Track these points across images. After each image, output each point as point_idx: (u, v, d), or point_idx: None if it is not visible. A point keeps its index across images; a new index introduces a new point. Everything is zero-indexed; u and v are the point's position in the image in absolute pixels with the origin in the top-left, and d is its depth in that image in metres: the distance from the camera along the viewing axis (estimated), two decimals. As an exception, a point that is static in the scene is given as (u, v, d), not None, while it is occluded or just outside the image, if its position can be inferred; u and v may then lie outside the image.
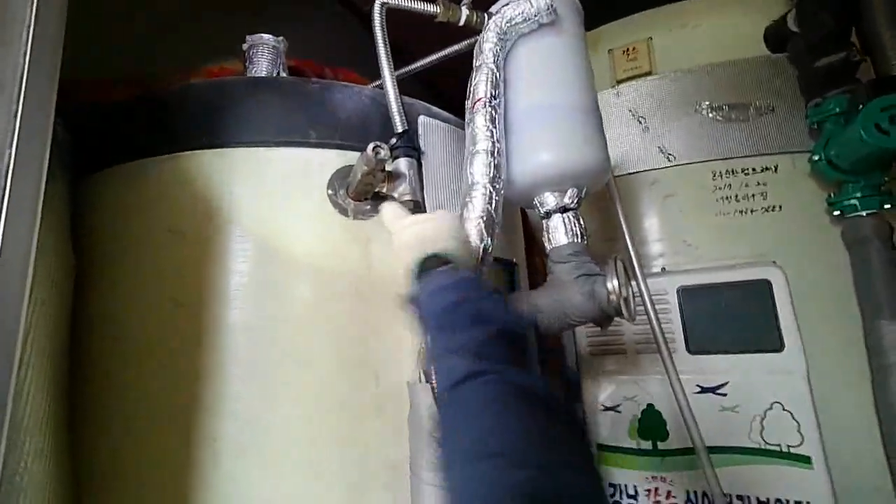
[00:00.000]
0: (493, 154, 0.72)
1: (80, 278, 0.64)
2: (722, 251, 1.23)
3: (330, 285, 0.67)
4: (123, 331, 0.64)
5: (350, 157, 0.73)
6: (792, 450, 1.02)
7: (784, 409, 1.03)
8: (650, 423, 1.12)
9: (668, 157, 1.35)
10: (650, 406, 1.14)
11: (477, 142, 0.72)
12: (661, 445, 1.09)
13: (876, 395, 1.07)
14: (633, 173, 1.37)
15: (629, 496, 1.17)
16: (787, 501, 1.00)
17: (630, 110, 1.40)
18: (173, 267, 0.64)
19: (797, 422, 1.02)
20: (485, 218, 0.66)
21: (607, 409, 1.22)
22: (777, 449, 1.02)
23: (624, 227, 0.94)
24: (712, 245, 1.24)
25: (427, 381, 0.61)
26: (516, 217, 1.02)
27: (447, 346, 0.49)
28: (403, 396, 0.65)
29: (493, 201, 0.70)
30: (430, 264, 0.56)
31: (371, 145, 0.59)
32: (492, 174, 0.71)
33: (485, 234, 0.65)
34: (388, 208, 0.63)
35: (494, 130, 0.73)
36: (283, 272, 0.66)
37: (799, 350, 1.05)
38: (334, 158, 0.72)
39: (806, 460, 1.01)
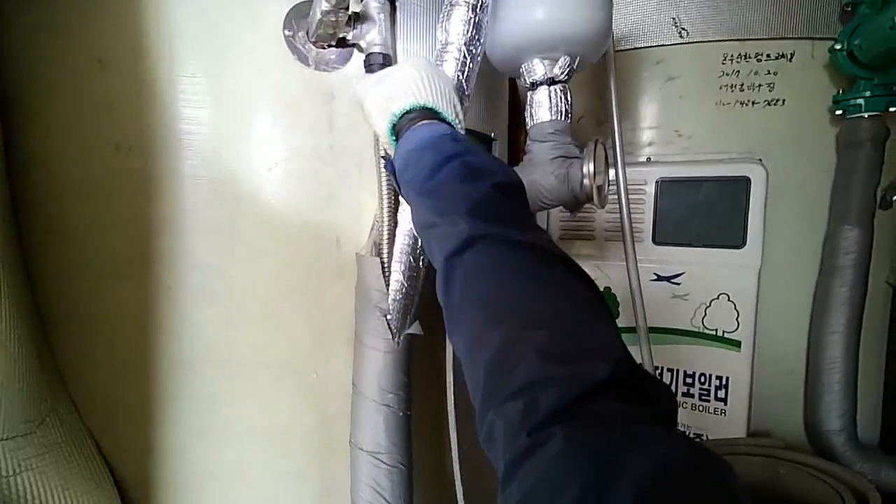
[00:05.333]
0: (475, 8, 0.62)
1: (8, 117, 0.58)
2: (713, 144, 1.18)
3: (289, 143, 0.62)
4: (66, 177, 0.59)
5: (311, -10, 0.61)
6: (726, 335, 1.12)
7: (729, 300, 1.11)
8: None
9: (680, 32, 1.21)
10: (607, 289, 1.21)
11: None
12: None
13: (816, 293, 1.15)
14: (638, 48, 1.24)
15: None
16: (710, 375, 1.13)
17: (651, -33, 1.21)
18: (109, 105, 0.57)
19: (738, 311, 1.11)
20: (455, 83, 0.60)
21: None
22: (714, 333, 1.12)
23: (614, 108, 0.87)
24: (704, 137, 1.19)
25: (377, 255, 0.61)
26: (501, 83, 0.93)
27: (437, 212, 0.43)
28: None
29: (466, 68, 0.62)
30: (404, 124, 0.49)
31: (332, -26, 0.50)
32: (470, 34, 0.62)
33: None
34: (357, 81, 0.54)
35: None
36: (235, 124, 0.60)
37: (758, 248, 1.09)
38: (292, -10, 0.61)
39: (737, 344, 1.11)
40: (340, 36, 0.61)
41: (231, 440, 0.62)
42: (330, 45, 0.62)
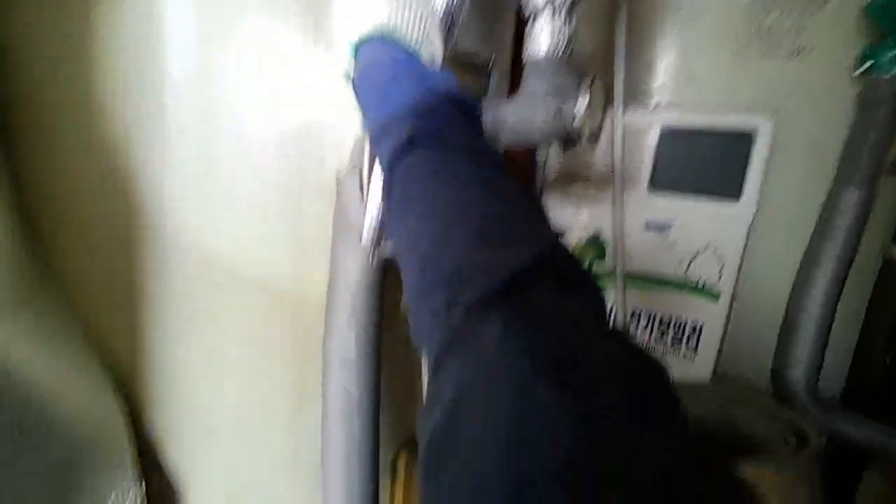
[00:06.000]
0: None
1: None
2: (725, 94, 1.14)
3: (273, 54, 0.61)
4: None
5: None
6: (706, 286, 1.14)
7: (715, 253, 1.12)
8: (592, 245, 1.22)
9: (712, -37, 1.12)
10: (596, 235, 1.22)
11: None
12: (595, 266, 1.21)
13: (807, 251, 1.16)
14: (662, -15, 1.16)
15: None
16: (686, 321, 1.17)
17: None
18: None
19: (722, 263, 1.13)
20: (442, 10, 0.57)
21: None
22: (695, 284, 1.15)
23: (622, 45, 0.84)
24: (718, 86, 1.15)
25: (358, 178, 0.61)
26: (505, 2, 0.88)
27: (389, 113, 0.43)
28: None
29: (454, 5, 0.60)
30: (363, 44, 0.50)
31: None
32: None
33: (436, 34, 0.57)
34: None
35: None
36: (224, 32, 0.60)
37: (753, 203, 1.08)
38: None
39: (715, 295, 1.14)
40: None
41: (215, 339, 0.68)
42: (323, -47, 0.60)
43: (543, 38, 0.71)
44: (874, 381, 1.23)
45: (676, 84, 1.18)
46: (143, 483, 0.65)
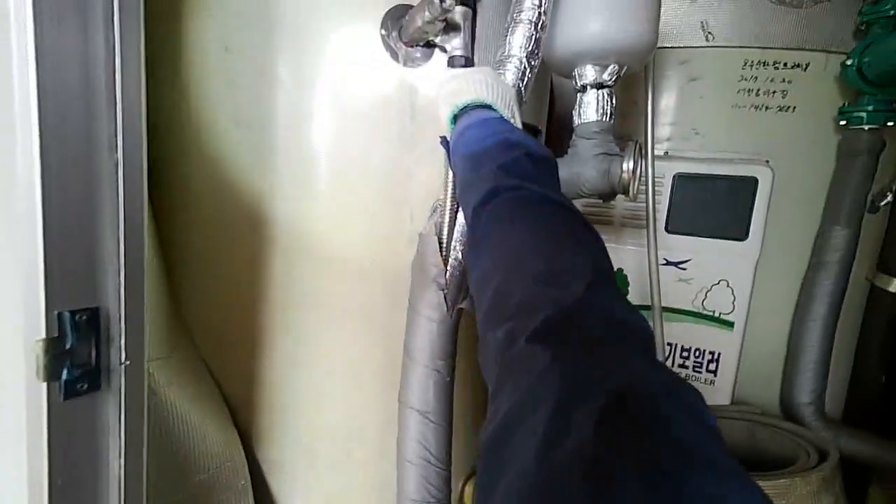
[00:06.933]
0: (537, 27, 0.69)
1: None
2: (726, 144, 1.29)
3: (378, 129, 0.72)
4: (189, 145, 0.69)
5: (403, -6, 0.70)
6: (722, 316, 1.26)
7: (728, 286, 1.25)
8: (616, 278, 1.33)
9: (707, 36, 1.30)
10: (619, 269, 1.34)
11: (523, 9, 0.68)
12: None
13: (803, 284, 1.29)
14: (665, 48, 1.33)
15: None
16: (704, 351, 1.28)
17: (685, -29, 1.29)
18: (231, 84, 0.66)
19: (735, 296, 1.25)
20: (515, 88, 0.68)
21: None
22: (711, 314, 1.27)
23: (650, 108, 0.97)
24: (719, 137, 1.30)
25: (438, 234, 0.69)
26: (546, 83, 1.02)
27: (474, 169, 0.48)
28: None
29: (526, 78, 0.70)
30: (463, 113, 0.57)
31: (439, -7, 0.59)
32: (531, 48, 0.69)
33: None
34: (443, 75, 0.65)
35: (544, 1, 0.67)
36: (335, 110, 0.70)
37: (759, 242, 1.22)
38: (388, -7, 0.70)
39: (730, 325, 1.26)
40: (429, 39, 0.70)
41: (317, 370, 0.75)
42: (417, 45, 0.71)
43: (591, 108, 0.83)
44: (871, 400, 1.35)
45: (682, 135, 1.33)
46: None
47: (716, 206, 1.24)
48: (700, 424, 0.25)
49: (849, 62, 1.18)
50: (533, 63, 0.71)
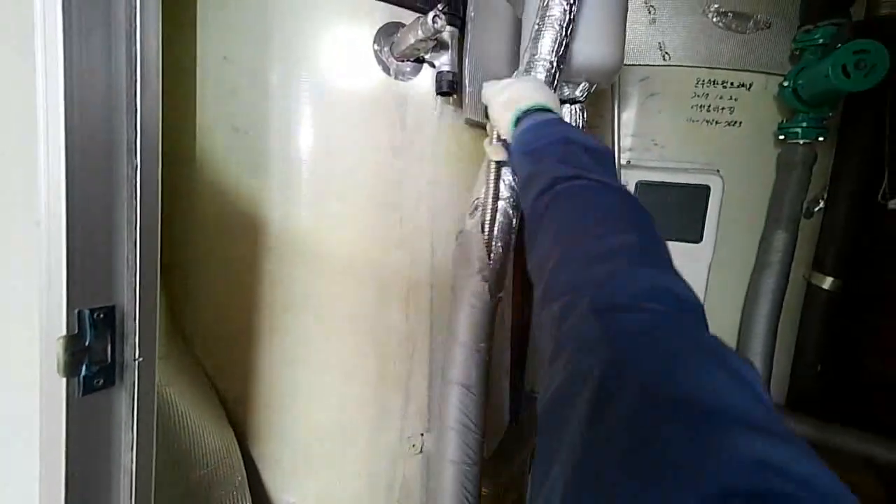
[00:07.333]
0: (566, 31, 0.73)
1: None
2: (683, 154, 1.41)
3: (371, 138, 0.76)
4: (190, 149, 0.71)
5: (395, 12, 0.75)
6: (680, 312, 1.37)
7: (685, 285, 1.36)
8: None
9: (664, 55, 1.41)
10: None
11: (553, 14, 0.72)
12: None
13: (749, 283, 1.42)
14: (628, 66, 1.43)
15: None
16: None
17: (644, -4, 1.40)
18: (232, 92, 0.69)
19: (691, 294, 1.36)
20: None
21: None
22: (670, 311, 1.37)
23: (616, 122, 1.06)
24: (676, 148, 1.42)
25: (481, 232, 0.75)
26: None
27: (536, 163, 0.53)
28: (419, 235, 0.81)
29: (555, 80, 0.75)
30: (523, 117, 0.62)
31: (431, 13, 0.64)
32: (560, 52, 0.74)
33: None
34: (486, 86, 0.71)
35: (574, 6, 0.72)
36: (329, 119, 0.74)
37: (712, 244, 1.34)
38: (381, 11, 0.74)
39: (686, 320, 1.37)
40: (420, 55, 0.75)
41: (311, 369, 0.77)
42: (408, 60, 0.76)
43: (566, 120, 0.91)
44: (810, 387, 1.49)
45: (642, 146, 1.44)
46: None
47: (673, 211, 1.35)
48: (743, 386, 0.27)
49: (785, 84, 1.32)
50: (562, 67, 0.76)
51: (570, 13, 0.73)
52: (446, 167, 0.83)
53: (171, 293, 0.73)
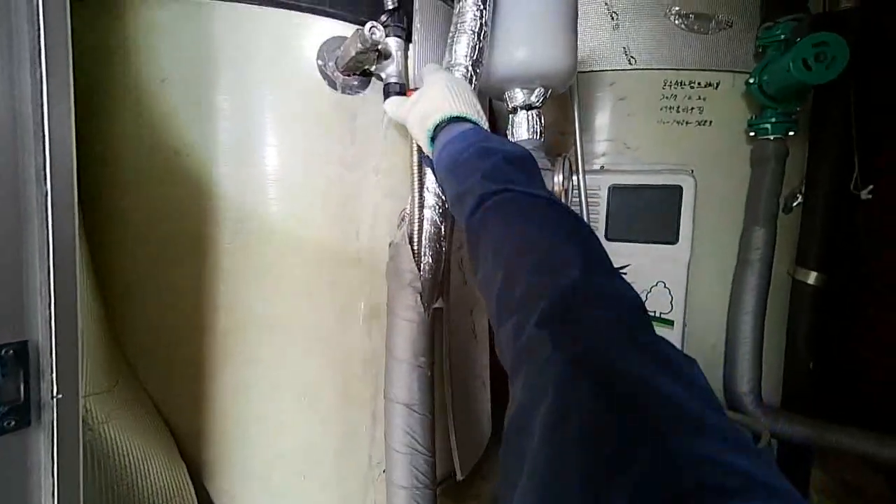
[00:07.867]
0: (479, 36, 0.73)
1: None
2: (655, 156, 1.40)
3: (322, 154, 0.74)
4: (129, 174, 0.69)
5: (339, 27, 0.74)
6: (662, 315, 1.34)
7: (665, 287, 1.33)
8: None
9: (629, 60, 1.42)
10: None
11: (465, 20, 0.72)
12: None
13: (732, 281, 1.40)
14: (595, 71, 1.44)
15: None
16: (650, 350, 1.35)
17: (606, 3, 1.41)
18: (171, 115, 0.67)
19: (672, 296, 1.33)
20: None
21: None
22: (653, 314, 1.35)
23: (577, 127, 1.05)
24: (648, 150, 1.41)
25: (409, 243, 0.74)
26: (484, 102, 1.08)
27: (461, 183, 0.51)
28: (377, 250, 0.79)
29: (473, 85, 0.74)
30: (439, 131, 0.60)
31: (368, 25, 0.63)
32: (475, 57, 0.73)
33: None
34: (388, 104, 0.69)
35: (485, 12, 0.72)
36: (277, 136, 0.72)
37: (688, 245, 1.32)
38: (324, 26, 0.73)
39: (670, 323, 1.34)
40: (364, 68, 0.74)
41: (269, 394, 0.74)
42: (354, 74, 0.75)
43: (523, 127, 0.89)
44: (804, 385, 1.46)
45: (615, 150, 1.44)
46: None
47: (648, 213, 1.33)
48: (689, 389, 0.29)
49: (751, 80, 1.33)
50: (478, 71, 0.75)
51: (481, 19, 0.72)
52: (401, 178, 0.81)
53: (119, 323, 0.70)
